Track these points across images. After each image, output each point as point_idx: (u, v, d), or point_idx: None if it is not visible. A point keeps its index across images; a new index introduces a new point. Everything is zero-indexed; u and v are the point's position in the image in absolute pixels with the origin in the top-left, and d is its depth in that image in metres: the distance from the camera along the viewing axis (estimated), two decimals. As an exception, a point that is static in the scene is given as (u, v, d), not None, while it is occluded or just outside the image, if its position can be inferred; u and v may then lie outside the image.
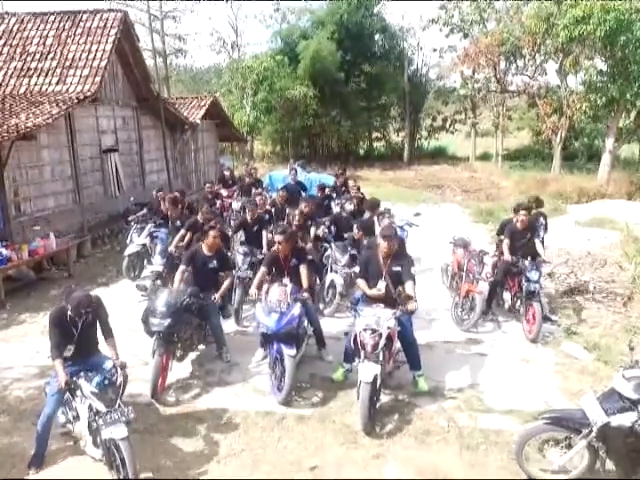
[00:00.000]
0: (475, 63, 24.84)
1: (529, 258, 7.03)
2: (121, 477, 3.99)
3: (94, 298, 4.45)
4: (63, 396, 4.35)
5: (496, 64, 24.64)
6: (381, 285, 5.27)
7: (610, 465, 3.92)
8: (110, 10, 13.35)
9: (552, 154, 23.80)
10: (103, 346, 4.62)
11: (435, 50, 31.89)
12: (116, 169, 13.52)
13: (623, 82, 17.95)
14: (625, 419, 3.63)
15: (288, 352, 5.13)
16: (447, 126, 33.49)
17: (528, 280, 6.73)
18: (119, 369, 4.24)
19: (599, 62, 20.27)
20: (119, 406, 4.05)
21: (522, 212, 7.21)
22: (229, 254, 7.45)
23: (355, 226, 8.18)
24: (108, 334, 4.56)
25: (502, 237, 7.65)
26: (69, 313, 4.29)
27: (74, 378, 4.19)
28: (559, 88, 22.12)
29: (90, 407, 4.12)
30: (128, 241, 9.52)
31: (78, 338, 4.40)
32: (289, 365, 5.10)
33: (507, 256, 7.05)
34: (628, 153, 26.79)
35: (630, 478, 3.83)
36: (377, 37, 31.05)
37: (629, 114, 20.08)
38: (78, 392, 4.22)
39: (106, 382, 4.11)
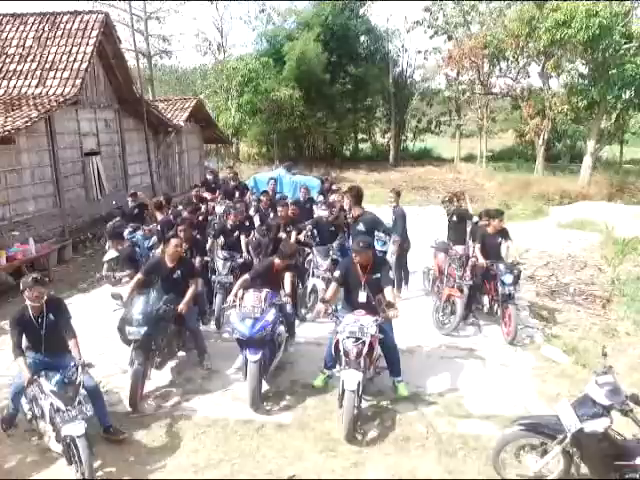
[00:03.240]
0: (459, 65, 24.99)
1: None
2: (79, 474, 4.08)
3: (53, 296, 4.77)
4: (25, 392, 4.51)
5: (480, 66, 24.83)
6: (362, 296, 5.29)
7: (585, 470, 3.97)
8: (91, 12, 13.23)
9: (535, 155, 24.01)
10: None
11: (420, 52, 32.03)
12: (98, 172, 13.38)
13: (604, 85, 18.15)
14: (598, 425, 3.67)
15: (251, 357, 5.13)
16: (432, 128, 33.69)
17: (503, 283, 6.80)
18: (80, 368, 4.32)
19: (580, 65, 20.53)
20: (78, 403, 4.18)
21: (498, 218, 7.31)
22: (206, 259, 7.40)
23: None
24: (71, 334, 4.66)
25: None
26: (30, 312, 4.48)
27: (35, 376, 4.32)
28: (541, 90, 22.33)
29: (51, 404, 4.23)
30: (107, 247, 9.49)
31: (46, 336, 4.55)
32: (251, 370, 5.11)
33: (481, 260, 7.11)
34: (610, 154, 27.10)
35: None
36: (362, 39, 31.13)
37: (610, 116, 20.33)
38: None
39: (66, 381, 4.24)
